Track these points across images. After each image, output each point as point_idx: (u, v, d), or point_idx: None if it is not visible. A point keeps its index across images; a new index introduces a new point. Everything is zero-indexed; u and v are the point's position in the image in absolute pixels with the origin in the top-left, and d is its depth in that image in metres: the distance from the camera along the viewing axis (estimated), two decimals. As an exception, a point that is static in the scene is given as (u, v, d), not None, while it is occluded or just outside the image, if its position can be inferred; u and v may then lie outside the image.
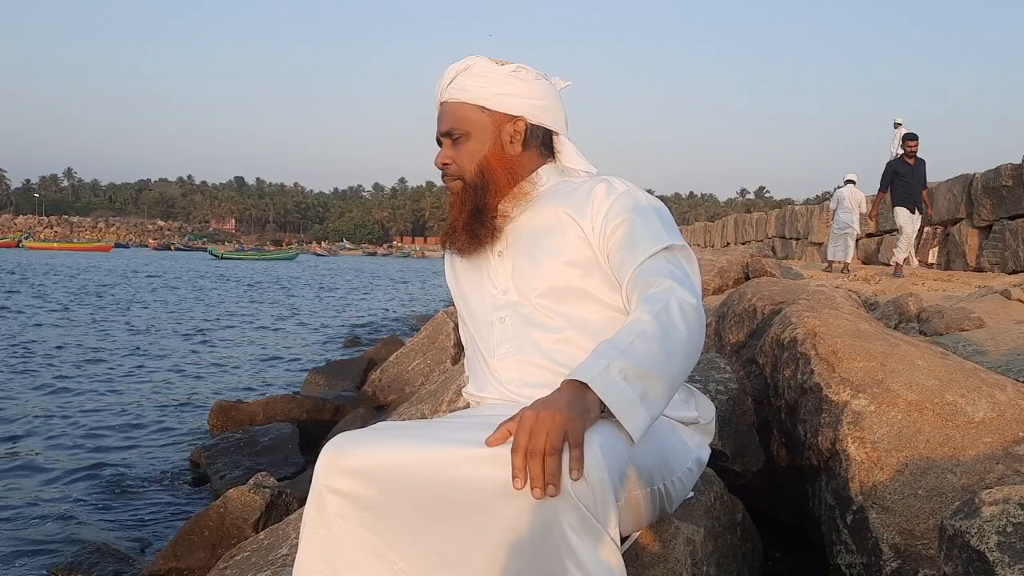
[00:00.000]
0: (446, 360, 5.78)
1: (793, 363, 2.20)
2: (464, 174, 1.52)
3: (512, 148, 1.52)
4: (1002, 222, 10.26)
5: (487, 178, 1.51)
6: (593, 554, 1.07)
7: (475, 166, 1.51)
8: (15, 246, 71.00)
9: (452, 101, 1.53)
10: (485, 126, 1.51)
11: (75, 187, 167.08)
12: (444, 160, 1.53)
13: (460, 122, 1.51)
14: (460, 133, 1.51)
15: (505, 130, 1.52)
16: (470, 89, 1.51)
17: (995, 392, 1.84)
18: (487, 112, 1.51)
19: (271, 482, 3.42)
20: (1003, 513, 1.24)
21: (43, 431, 5.70)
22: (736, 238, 24.11)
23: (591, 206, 1.46)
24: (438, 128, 1.55)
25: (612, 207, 1.45)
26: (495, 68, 1.52)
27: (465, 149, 1.52)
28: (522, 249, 1.51)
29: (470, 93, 1.51)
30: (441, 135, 1.54)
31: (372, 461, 1.20)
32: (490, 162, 1.51)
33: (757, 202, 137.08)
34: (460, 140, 1.52)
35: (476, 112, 1.51)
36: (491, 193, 1.51)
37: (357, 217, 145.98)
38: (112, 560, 3.34)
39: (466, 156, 1.52)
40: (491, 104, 1.51)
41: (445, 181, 1.56)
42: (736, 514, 1.82)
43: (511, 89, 1.52)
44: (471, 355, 1.62)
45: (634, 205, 1.45)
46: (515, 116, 1.52)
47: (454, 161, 1.52)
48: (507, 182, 1.52)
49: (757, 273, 6.62)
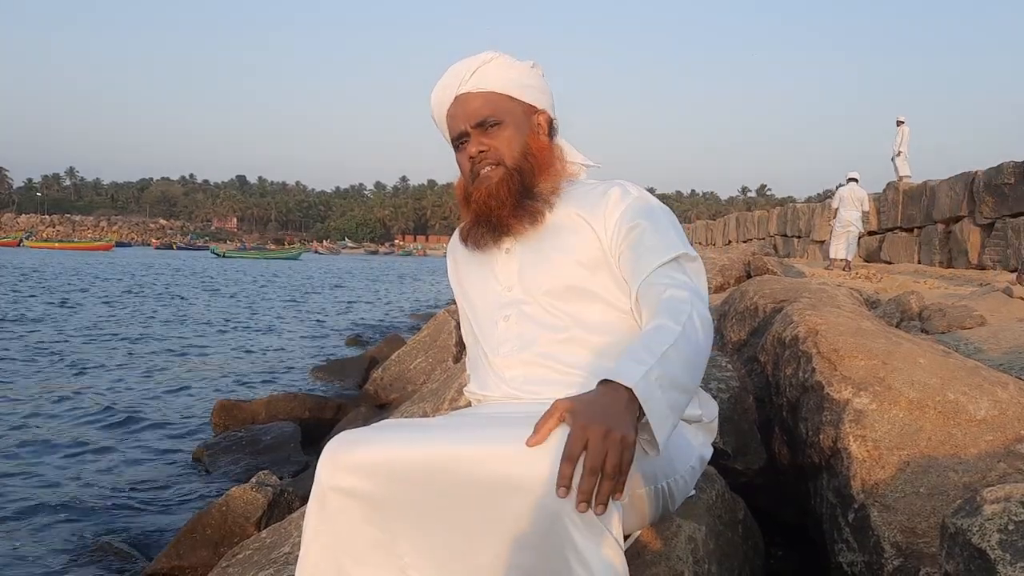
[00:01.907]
0: (448, 359, 5.78)
1: (795, 361, 2.20)
2: (504, 160, 1.48)
3: (543, 138, 1.53)
4: (1004, 220, 10.25)
5: (532, 162, 1.49)
6: (596, 551, 1.07)
7: (518, 151, 1.48)
8: (16, 245, 71.07)
9: (478, 91, 1.50)
10: (518, 114, 1.51)
11: (77, 186, 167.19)
12: (480, 148, 1.49)
13: (494, 110, 1.49)
14: (495, 121, 1.49)
15: (533, 120, 1.53)
16: (496, 80, 1.51)
17: (997, 390, 1.84)
18: (516, 102, 1.51)
19: (273, 480, 3.42)
20: (1005, 511, 1.24)
21: (44, 430, 5.71)
22: (737, 236, 24.10)
23: (605, 208, 1.47)
24: (461, 122, 1.50)
25: (627, 210, 1.45)
26: (516, 62, 1.54)
27: (502, 136, 1.49)
28: (531, 247, 1.50)
29: (497, 83, 1.50)
30: (473, 127, 1.49)
31: (376, 457, 1.20)
32: (531, 147, 1.50)
33: (759, 200, 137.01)
34: (494, 129, 1.49)
35: (506, 100, 1.51)
36: (538, 176, 1.49)
37: (359, 216, 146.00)
38: (114, 558, 3.35)
39: (504, 143, 1.49)
40: (518, 95, 1.52)
41: (479, 171, 1.50)
42: (737, 512, 1.83)
43: (533, 82, 1.54)
44: (474, 353, 1.62)
45: (649, 211, 1.46)
46: (539, 109, 1.54)
47: (491, 148, 1.49)
48: (550, 166, 1.51)
49: (758, 271, 6.62)
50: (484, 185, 1.49)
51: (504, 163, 1.48)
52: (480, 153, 1.49)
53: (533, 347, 1.46)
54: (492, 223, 1.49)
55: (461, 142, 1.53)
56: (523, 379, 1.46)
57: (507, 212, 1.47)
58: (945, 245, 11.91)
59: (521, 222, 1.48)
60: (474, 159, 1.50)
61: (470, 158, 1.50)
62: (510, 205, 1.47)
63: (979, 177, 10.83)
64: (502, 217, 1.47)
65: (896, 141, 14.05)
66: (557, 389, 1.42)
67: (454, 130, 1.53)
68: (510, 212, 1.47)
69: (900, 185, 13.67)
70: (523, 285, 1.49)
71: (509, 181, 1.47)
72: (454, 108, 1.52)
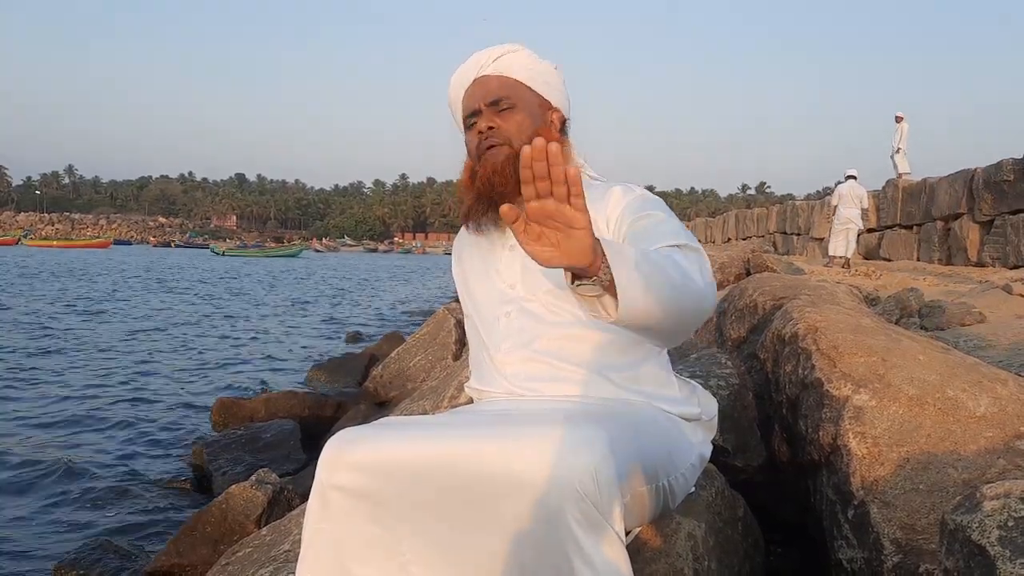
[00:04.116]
0: (448, 356, 5.78)
1: (794, 358, 2.20)
2: (512, 141, 1.48)
3: (555, 134, 1.53)
4: (1003, 217, 10.25)
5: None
6: (598, 549, 1.08)
7: (527, 136, 1.47)
8: (15, 244, 70.98)
9: (497, 75, 1.51)
10: (533, 104, 1.52)
11: (76, 184, 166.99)
12: (490, 124, 1.49)
13: (510, 93, 1.50)
14: (509, 104, 1.50)
15: (547, 115, 1.53)
16: (518, 69, 1.52)
17: (996, 387, 1.84)
18: (533, 92, 1.52)
19: (273, 478, 3.42)
20: (1004, 508, 1.24)
21: (44, 428, 5.71)
22: (737, 234, 24.11)
23: (609, 202, 1.47)
24: (476, 100, 1.51)
25: (634, 202, 1.46)
26: (540, 59, 1.55)
27: (513, 120, 1.49)
28: None
29: (518, 72, 1.52)
30: (487, 104, 1.50)
31: (377, 455, 1.21)
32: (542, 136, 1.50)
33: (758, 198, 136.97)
34: (507, 111, 1.49)
35: (524, 89, 1.52)
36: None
37: (358, 214, 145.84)
38: (115, 556, 3.35)
39: (514, 126, 1.49)
40: (537, 88, 1.53)
41: (485, 147, 1.49)
42: (737, 509, 1.83)
43: (553, 80, 1.56)
44: (475, 350, 1.62)
45: (656, 205, 1.46)
46: (554, 107, 1.55)
47: (501, 127, 1.49)
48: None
49: (758, 269, 6.62)
50: (489, 162, 1.48)
51: (512, 144, 1.48)
52: (489, 129, 1.49)
53: (534, 344, 1.46)
54: (494, 201, 1.46)
55: (472, 121, 1.53)
56: (524, 376, 1.46)
57: (510, 190, 1.44)
58: (944, 242, 11.91)
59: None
60: (483, 134, 1.50)
61: (479, 133, 1.50)
62: (514, 182, 1.44)
63: (978, 174, 10.82)
64: (506, 195, 1.44)
65: (895, 138, 14.04)
66: (557, 386, 1.43)
67: (467, 108, 1.53)
68: (514, 190, 1.44)
69: (899, 182, 13.67)
70: (525, 283, 1.49)
71: (515, 161, 1.46)
72: (472, 88, 1.53)
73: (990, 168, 10.55)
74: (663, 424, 1.43)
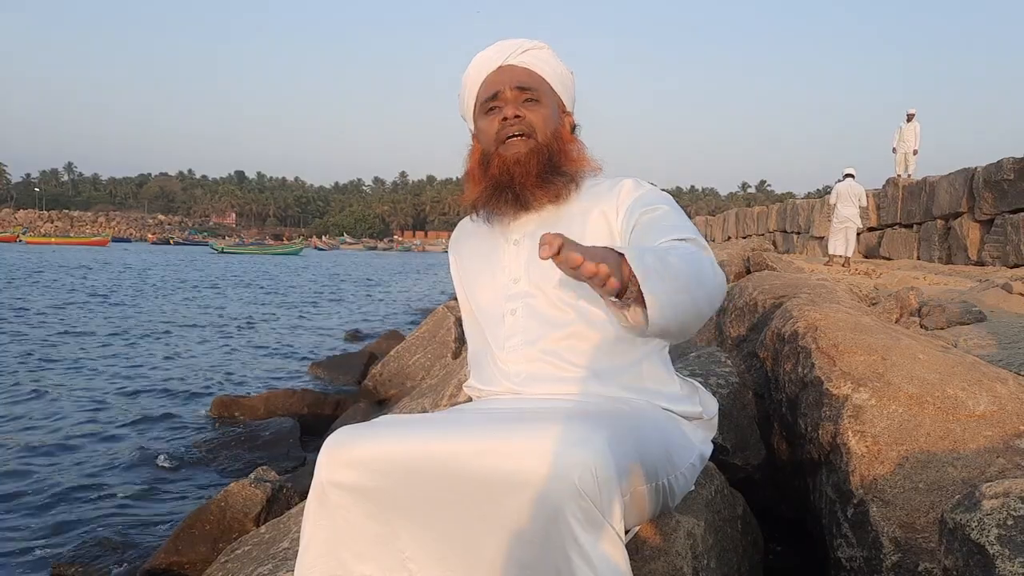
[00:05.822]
0: (447, 354, 5.78)
1: (794, 357, 2.20)
2: (536, 133, 1.47)
3: (571, 135, 1.54)
4: (1003, 216, 10.26)
5: (559, 147, 1.48)
6: (597, 547, 1.08)
7: (550, 131, 1.47)
8: (14, 240, 70.97)
9: (524, 67, 1.50)
10: (554, 103, 1.52)
11: (75, 182, 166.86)
12: (517, 112, 1.46)
13: (538, 85, 1.50)
14: (535, 96, 1.49)
15: (563, 117, 1.54)
16: (545, 66, 1.52)
17: (996, 385, 1.84)
18: (554, 93, 1.53)
19: (272, 476, 3.43)
20: (1003, 506, 1.24)
21: (43, 427, 5.71)
22: (737, 232, 24.12)
23: (617, 196, 1.47)
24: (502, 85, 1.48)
25: (643, 196, 1.46)
26: (561, 61, 1.56)
27: (539, 112, 1.48)
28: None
29: (545, 69, 1.52)
30: (513, 88, 1.47)
31: (376, 453, 1.20)
32: (562, 134, 1.51)
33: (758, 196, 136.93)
34: (533, 104, 1.49)
35: (548, 86, 1.52)
36: (565, 161, 1.48)
37: (357, 211, 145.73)
38: (113, 553, 3.35)
39: (540, 118, 1.48)
40: (557, 88, 1.53)
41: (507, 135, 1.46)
42: (736, 508, 1.83)
43: (569, 84, 1.57)
44: (476, 348, 1.62)
45: (665, 201, 1.47)
46: (568, 111, 1.56)
47: (527, 117, 1.47)
48: (576, 159, 1.51)
49: (758, 267, 6.62)
50: (511, 151, 1.46)
51: (536, 137, 1.47)
52: (516, 117, 1.47)
53: (538, 344, 1.46)
54: (515, 192, 1.45)
55: (492, 106, 1.49)
56: (526, 375, 1.46)
57: (532, 182, 1.44)
58: (944, 241, 11.91)
59: (544, 196, 1.46)
60: (507, 120, 1.47)
61: (503, 119, 1.47)
62: (535, 175, 1.44)
63: (979, 173, 10.83)
64: (526, 186, 1.43)
65: (895, 137, 14.02)
66: (558, 386, 1.43)
67: (488, 91, 1.50)
68: (535, 183, 1.44)
69: (900, 181, 13.67)
70: (530, 277, 1.49)
71: (539, 153, 1.46)
72: (495, 75, 1.50)
73: (990, 167, 10.56)
74: (663, 423, 1.43)
